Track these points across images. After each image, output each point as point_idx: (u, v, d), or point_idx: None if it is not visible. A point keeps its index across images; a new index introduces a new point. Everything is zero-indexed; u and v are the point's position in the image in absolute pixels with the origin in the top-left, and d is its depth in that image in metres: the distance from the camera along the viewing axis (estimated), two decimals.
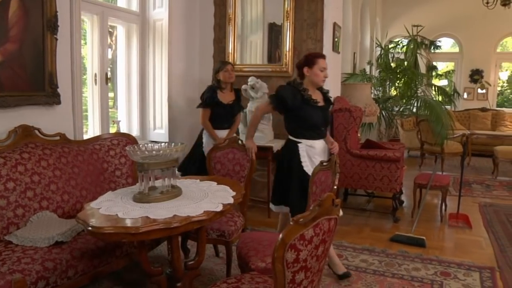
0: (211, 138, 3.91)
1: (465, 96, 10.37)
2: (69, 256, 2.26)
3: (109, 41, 4.41)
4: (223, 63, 4.06)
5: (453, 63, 10.94)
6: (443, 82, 10.28)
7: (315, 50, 4.59)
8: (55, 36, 3.04)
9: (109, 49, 4.36)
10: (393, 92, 7.42)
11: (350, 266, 3.23)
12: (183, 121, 4.83)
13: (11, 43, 2.78)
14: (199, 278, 2.71)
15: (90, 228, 1.91)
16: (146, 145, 2.43)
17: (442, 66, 11.29)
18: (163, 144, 2.43)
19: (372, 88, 6.86)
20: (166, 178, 2.31)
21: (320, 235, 1.46)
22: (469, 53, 10.26)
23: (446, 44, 10.88)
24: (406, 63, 7.52)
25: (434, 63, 10.28)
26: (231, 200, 2.28)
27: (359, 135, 5.02)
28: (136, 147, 2.34)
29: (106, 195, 2.36)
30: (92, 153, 3.17)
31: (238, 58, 4.95)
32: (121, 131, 3.80)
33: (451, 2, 9.89)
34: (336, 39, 4.92)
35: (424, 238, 3.76)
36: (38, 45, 2.96)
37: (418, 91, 7.17)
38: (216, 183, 2.62)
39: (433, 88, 7.91)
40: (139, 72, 4.36)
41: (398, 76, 7.26)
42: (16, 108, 2.84)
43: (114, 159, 3.28)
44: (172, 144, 2.37)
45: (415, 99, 7.04)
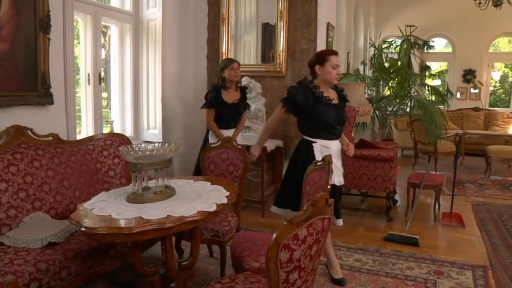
0: (217, 139, 3.84)
1: (458, 96, 10.46)
2: (62, 257, 2.25)
3: (103, 41, 4.39)
4: (229, 61, 3.92)
5: (446, 63, 11.04)
6: (436, 82, 10.34)
7: (309, 50, 4.61)
8: (48, 36, 3.02)
9: (103, 49, 4.34)
10: (387, 92, 7.43)
11: (344, 266, 3.24)
12: (177, 121, 4.83)
13: (3, 43, 2.75)
14: (193, 279, 2.71)
15: (84, 229, 1.90)
16: (140, 146, 2.42)
17: (435, 66, 11.38)
18: (157, 144, 2.42)
19: (366, 88, 6.87)
20: (160, 179, 2.30)
21: (314, 235, 1.46)
22: (462, 53, 10.36)
23: (439, 44, 10.96)
24: (400, 63, 7.53)
25: (427, 63, 10.36)
26: (225, 200, 2.28)
27: (353, 135, 5.02)
28: (130, 148, 2.34)
29: (100, 196, 2.35)
30: (86, 154, 3.16)
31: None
32: (115, 132, 3.79)
33: (444, 3, 9.97)
34: (330, 39, 4.93)
35: (418, 237, 3.78)
36: (31, 45, 2.93)
37: (412, 91, 7.19)
38: (210, 183, 2.62)
39: (427, 88, 7.94)
40: (133, 72, 4.35)
41: (392, 76, 7.28)
42: (8, 108, 2.82)
43: (108, 160, 3.27)
44: (166, 144, 2.37)
45: (409, 99, 7.05)
